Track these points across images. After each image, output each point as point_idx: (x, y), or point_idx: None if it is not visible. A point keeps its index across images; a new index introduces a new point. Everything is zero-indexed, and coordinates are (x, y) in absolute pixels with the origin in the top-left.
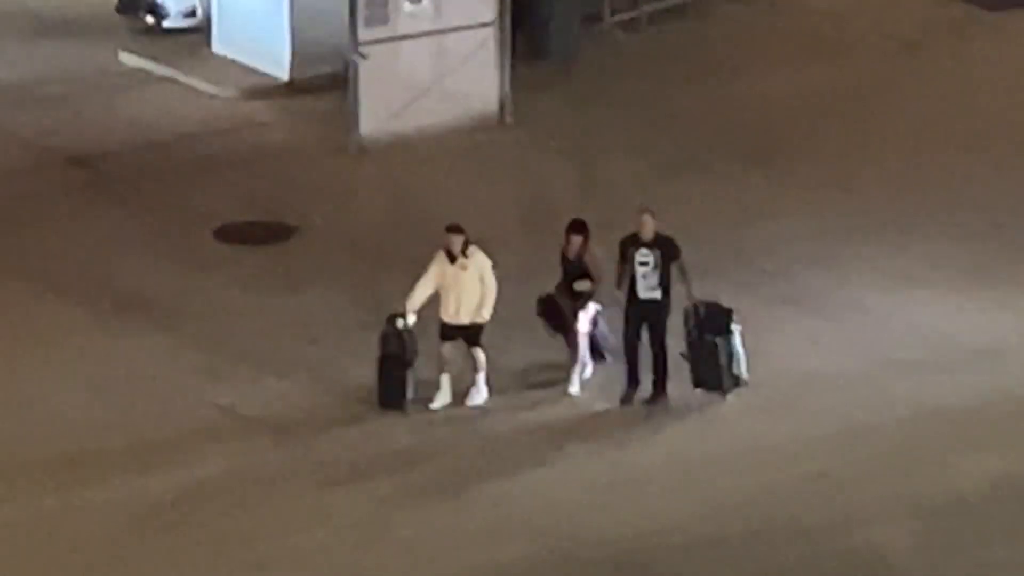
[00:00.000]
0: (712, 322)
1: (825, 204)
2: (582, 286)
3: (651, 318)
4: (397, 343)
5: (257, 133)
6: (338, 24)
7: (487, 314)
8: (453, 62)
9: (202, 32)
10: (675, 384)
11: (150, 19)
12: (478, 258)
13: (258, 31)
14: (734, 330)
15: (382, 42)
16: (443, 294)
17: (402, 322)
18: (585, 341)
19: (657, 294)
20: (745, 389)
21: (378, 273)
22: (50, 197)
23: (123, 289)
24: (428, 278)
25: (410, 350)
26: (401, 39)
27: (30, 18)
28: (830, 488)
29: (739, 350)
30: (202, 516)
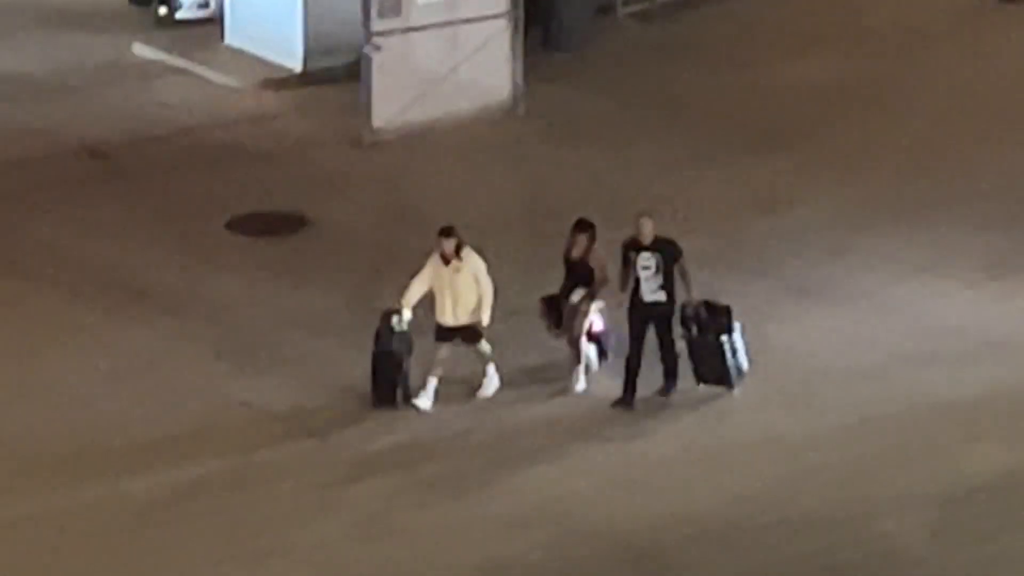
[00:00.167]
0: (714, 321)
1: (839, 194)
2: (577, 298)
3: (656, 320)
4: (391, 340)
5: (270, 124)
6: (351, 15)
7: (486, 318)
8: (466, 53)
9: (215, 23)
10: (683, 379)
11: (164, 10)
12: (472, 260)
13: (271, 22)
14: (736, 327)
15: (395, 33)
16: (438, 296)
17: (397, 319)
18: (585, 340)
19: (661, 296)
20: (758, 381)
21: (390, 265)
22: (64, 188)
23: (135, 279)
24: (422, 278)
25: (404, 347)
26: (414, 30)
27: (44, 10)
28: (843, 479)
29: (740, 346)
30: (211, 507)
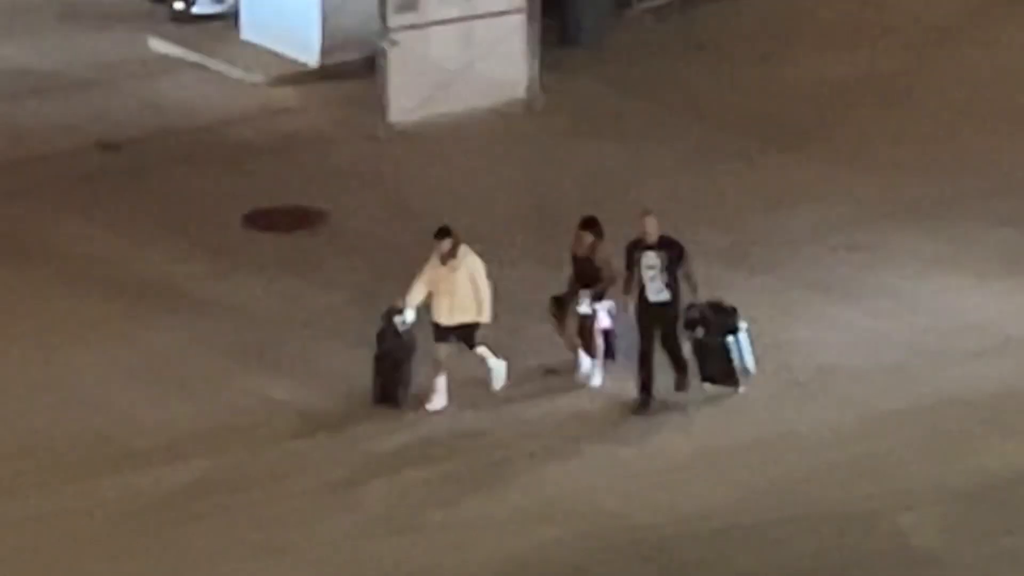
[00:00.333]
0: (720, 322)
1: (857, 189)
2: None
3: (663, 320)
4: (394, 339)
5: (286, 119)
6: (368, 10)
7: (487, 316)
8: (483, 48)
9: (231, 18)
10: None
11: (180, 5)
12: (469, 259)
13: (288, 17)
14: (742, 327)
15: (412, 28)
16: (435, 295)
17: (400, 318)
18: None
19: (666, 296)
20: (773, 377)
21: (407, 261)
22: (80, 182)
23: (151, 275)
24: (422, 280)
25: (407, 347)
26: (431, 25)
27: (60, 5)
28: (858, 475)
29: (747, 346)
30: (227, 503)
